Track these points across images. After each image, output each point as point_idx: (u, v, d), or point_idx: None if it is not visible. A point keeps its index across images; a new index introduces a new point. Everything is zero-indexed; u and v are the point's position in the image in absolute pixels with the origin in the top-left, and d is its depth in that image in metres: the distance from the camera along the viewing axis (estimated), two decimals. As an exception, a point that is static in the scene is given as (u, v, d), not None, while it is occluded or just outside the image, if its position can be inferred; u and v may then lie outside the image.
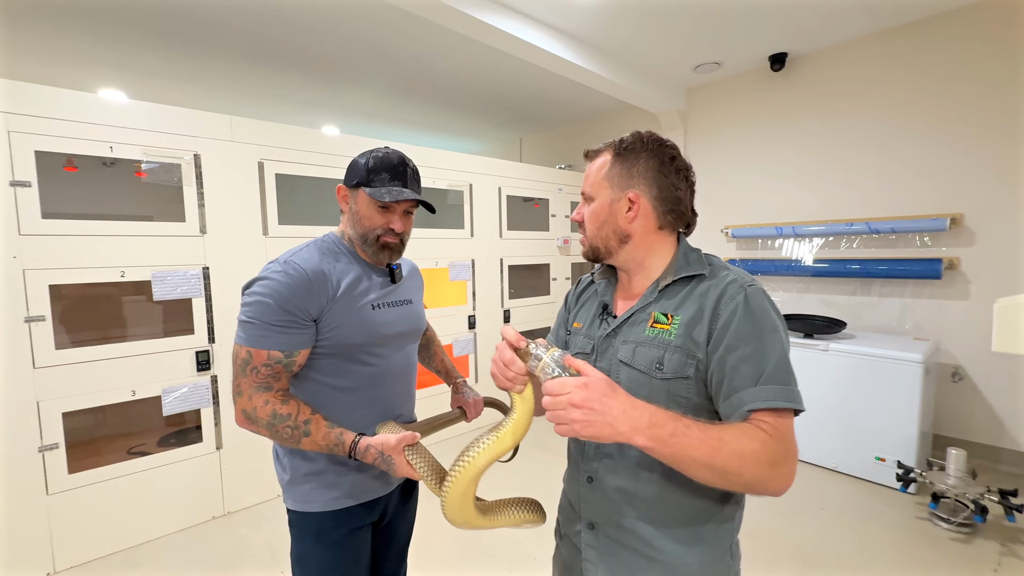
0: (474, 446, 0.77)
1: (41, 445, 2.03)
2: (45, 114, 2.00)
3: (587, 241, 0.88)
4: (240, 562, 2.14)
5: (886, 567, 2.05)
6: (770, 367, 0.71)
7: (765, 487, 0.68)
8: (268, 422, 0.96)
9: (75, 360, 2.10)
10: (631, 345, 0.82)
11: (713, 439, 0.66)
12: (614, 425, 0.65)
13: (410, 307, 1.19)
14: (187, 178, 2.36)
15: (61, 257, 2.05)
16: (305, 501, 1.05)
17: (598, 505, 0.85)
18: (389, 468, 0.94)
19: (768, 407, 0.69)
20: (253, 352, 0.96)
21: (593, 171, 0.87)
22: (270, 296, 0.96)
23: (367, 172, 1.05)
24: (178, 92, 4.15)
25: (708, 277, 0.81)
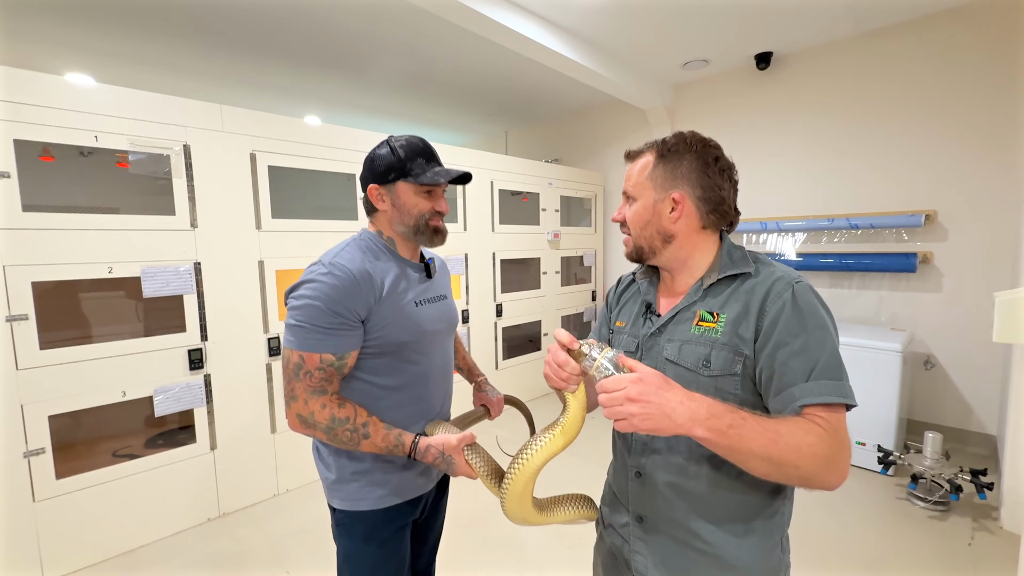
0: (531, 445, 0.78)
1: (27, 450, 1.93)
2: (25, 100, 1.88)
3: (631, 241, 0.89)
4: (242, 563, 2.10)
5: (867, 544, 2.17)
6: (821, 362, 0.72)
7: (821, 480, 0.69)
8: (327, 426, 0.95)
9: (61, 360, 2.00)
10: (677, 343, 0.83)
11: (770, 431, 0.68)
12: (672, 417, 0.67)
13: (446, 302, 1.20)
14: (176, 170, 2.26)
15: (44, 252, 1.95)
16: (355, 500, 1.05)
17: (647, 499, 0.86)
18: (449, 468, 0.95)
19: (821, 402, 0.70)
20: (305, 356, 0.95)
21: (636, 172, 0.88)
22: (319, 299, 0.94)
23: (403, 163, 1.04)
24: (155, 79, 3.96)
25: (754, 275, 0.81)
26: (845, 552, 2.12)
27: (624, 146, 3.62)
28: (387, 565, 1.07)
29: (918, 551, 2.12)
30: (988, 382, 2.97)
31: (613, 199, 4.86)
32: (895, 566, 2.03)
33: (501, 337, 3.91)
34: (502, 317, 3.89)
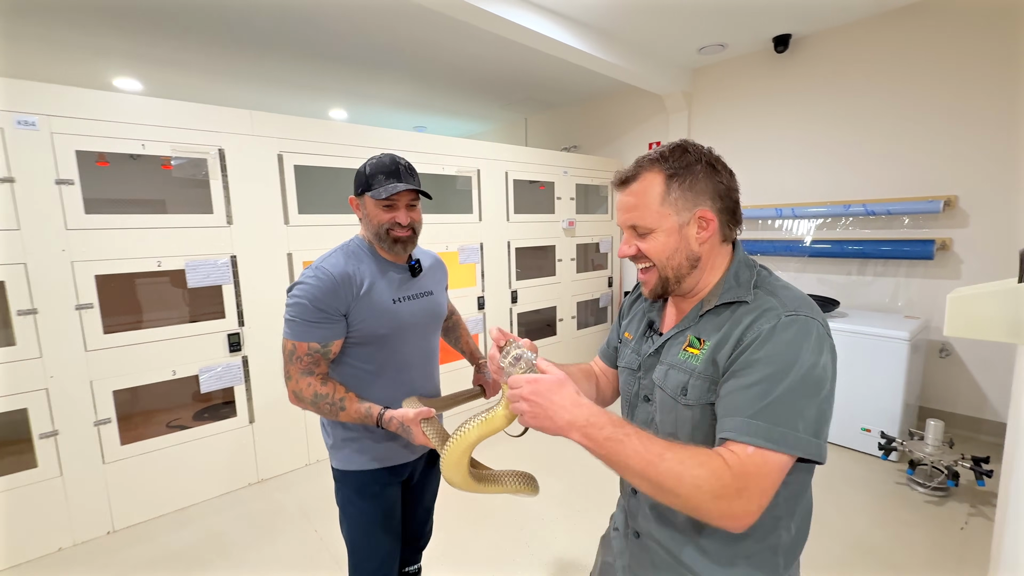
0: (468, 422, 0.85)
1: (96, 419, 2.25)
2: (83, 115, 2.14)
3: (655, 276, 0.80)
4: (276, 522, 2.38)
5: (862, 525, 2.25)
6: (767, 404, 0.65)
7: (709, 516, 0.64)
8: (312, 400, 1.15)
9: (121, 343, 2.29)
10: (665, 367, 0.80)
11: (652, 453, 0.65)
12: (553, 419, 0.69)
13: (430, 298, 1.35)
14: (213, 172, 2.50)
15: (104, 249, 2.23)
16: (345, 462, 1.26)
17: (642, 518, 0.86)
18: (408, 436, 1.11)
19: (740, 440, 0.65)
20: (296, 344, 1.15)
21: (644, 200, 0.78)
22: (305, 298, 1.13)
23: (367, 179, 1.21)
24: (193, 81, 4.24)
25: (749, 302, 0.74)
26: (835, 533, 2.21)
27: (642, 132, 3.73)
28: (375, 514, 1.28)
29: (909, 534, 2.19)
30: (1003, 371, 2.93)
31: (630, 186, 4.88)
32: (882, 547, 2.10)
33: (517, 323, 4.07)
34: (517, 303, 4.04)
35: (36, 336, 2.09)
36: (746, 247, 3.83)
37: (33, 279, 2.07)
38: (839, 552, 2.08)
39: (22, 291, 2.05)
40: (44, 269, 2.09)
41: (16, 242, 2.03)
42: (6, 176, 1.99)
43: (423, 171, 3.35)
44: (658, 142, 4.57)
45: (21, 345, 2.06)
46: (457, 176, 3.58)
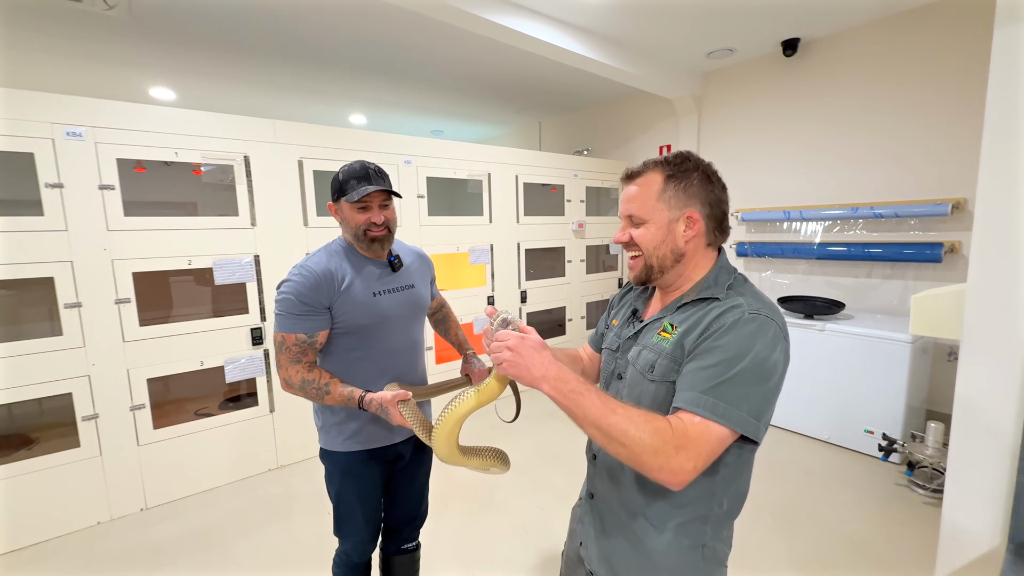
0: (462, 394, 0.95)
1: (132, 405, 2.45)
2: (123, 126, 2.35)
3: (641, 262, 0.90)
4: (292, 505, 2.55)
5: (858, 525, 2.28)
6: (718, 383, 0.74)
7: (648, 469, 0.72)
8: (300, 385, 1.27)
9: (155, 335, 2.50)
10: (639, 348, 0.91)
11: (607, 407, 0.74)
12: (530, 370, 0.79)
13: (412, 291, 1.45)
14: (239, 177, 2.69)
15: (141, 248, 2.43)
16: (330, 442, 1.40)
17: (597, 479, 0.98)
18: (386, 417, 1.21)
19: (689, 410, 0.74)
20: (285, 336, 1.26)
21: (643, 194, 0.88)
22: (291, 293, 1.25)
23: (341, 185, 1.31)
24: (222, 90, 4.49)
25: (720, 300, 0.84)
26: (830, 532, 2.25)
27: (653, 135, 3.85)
28: (357, 490, 1.42)
29: (905, 534, 2.21)
30: (1013, 375, 2.90)
31: (641, 188, 4.94)
32: (877, 546, 2.14)
33: (527, 322, 4.18)
34: (527, 303, 4.15)
35: (80, 327, 2.30)
36: (754, 249, 3.89)
37: (78, 275, 2.28)
38: (833, 551, 2.12)
39: (68, 286, 2.26)
40: (88, 266, 2.30)
41: (64, 242, 2.24)
42: (56, 182, 2.20)
43: (436, 175, 3.50)
44: (668, 146, 4.63)
45: (67, 335, 2.28)
46: (468, 179, 3.71)
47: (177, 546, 2.24)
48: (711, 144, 4.27)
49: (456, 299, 3.69)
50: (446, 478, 2.69)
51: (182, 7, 2.91)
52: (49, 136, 2.18)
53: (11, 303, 2.68)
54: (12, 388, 2.18)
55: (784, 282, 3.87)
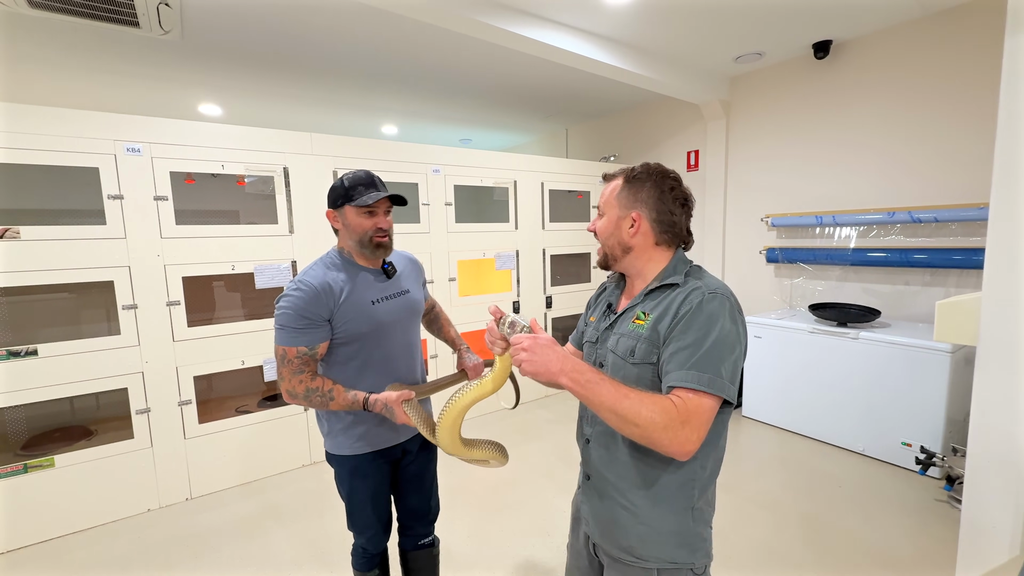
0: (464, 387, 1.04)
1: (180, 400, 2.63)
2: (176, 142, 2.54)
3: (602, 251, 1.07)
4: (324, 501, 2.66)
5: (893, 538, 2.21)
6: (697, 357, 0.86)
7: (660, 444, 0.83)
8: (304, 395, 1.30)
9: (201, 336, 2.67)
10: (617, 336, 1.02)
11: (620, 393, 0.84)
12: (547, 366, 0.86)
13: (407, 296, 1.49)
14: (279, 187, 2.86)
15: (190, 254, 2.61)
16: (336, 447, 1.44)
17: (592, 462, 1.06)
18: (391, 416, 1.26)
19: (684, 386, 0.85)
20: (286, 349, 1.28)
21: (607, 192, 1.05)
22: (290, 308, 1.27)
23: (346, 191, 1.33)
24: (264, 105, 4.75)
25: (681, 286, 0.96)
26: (866, 547, 2.18)
27: (680, 140, 3.91)
28: (366, 489, 1.47)
29: (943, 551, 2.13)
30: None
31: (668, 194, 4.92)
32: (912, 563, 2.07)
33: (552, 327, 4.22)
34: (552, 308, 4.19)
35: (136, 327, 2.49)
36: (785, 255, 3.82)
37: (135, 279, 2.47)
38: (867, 566, 2.06)
39: (126, 289, 2.46)
40: (143, 271, 2.49)
41: (123, 249, 2.44)
42: (118, 194, 2.40)
43: (462, 183, 3.60)
44: (696, 151, 4.59)
45: (124, 335, 2.47)
46: (494, 187, 3.80)
47: (219, 535, 2.39)
48: (739, 148, 4.22)
49: (482, 304, 3.77)
50: (466, 478, 2.75)
51: (229, 30, 3.12)
52: (112, 152, 2.39)
53: (74, 305, 2.92)
54: (75, 383, 2.38)
55: (818, 289, 3.77)
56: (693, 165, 4.63)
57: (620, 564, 1.01)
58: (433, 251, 3.42)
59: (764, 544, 2.20)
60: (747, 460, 3.03)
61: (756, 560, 2.10)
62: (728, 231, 4.38)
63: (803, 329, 3.25)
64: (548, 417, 3.72)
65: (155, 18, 2.80)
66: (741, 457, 3.09)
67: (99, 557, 2.24)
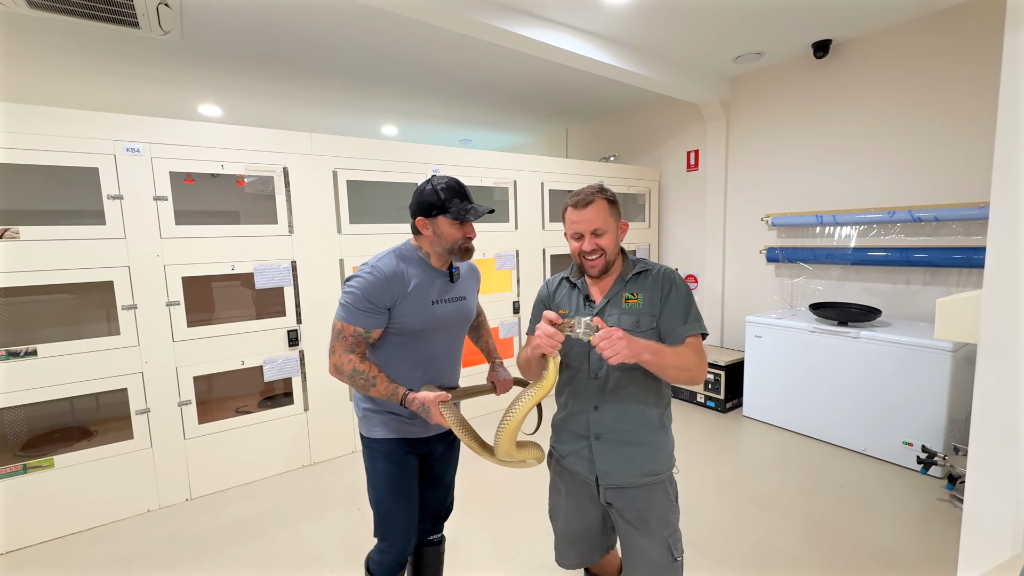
0: (522, 396, 1.17)
1: (180, 401, 2.62)
2: (175, 142, 2.54)
3: (602, 261, 1.31)
4: (326, 501, 2.66)
5: (895, 538, 2.20)
6: (690, 311, 1.31)
7: (698, 378, 1.25)
8: (350, 374, 1.35)
9: (201, 336, 2.67)
10: (616, 315, 1.31)
11: (675, 353, 1.21)
12: (637, 348, 1.12)
13: (463, 302, 1.54)
14: (278, 187, 2.85)
15: (189, 254, 2.61)
16: (373, 429, 1.48)
17: (604, 422, 1.33)
18: (427, 416, 1.31)
19: (692, 333, 1.28)
20: (345, 326, 1.35)
21: (601, 214, 1.29)
22: (359, 289, 1.34)
23: (441, 201, 1.38)
24: (264, 106, 4.75)
25: (652, 270, 1.36)
26: (867, 546, 2.17)
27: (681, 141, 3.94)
28: (398, 475, 1.47)
29: (945, 549, 2.12)
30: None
31: (669, 194, 4.92)
32: (914, 562, 2.06)
33: (552, 327, 4.21)
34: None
35: (135, 328, 2.49)
36: (785, 254, 3.82)
37: (135, 279, 2.47)
38: (869, 566, 2.05)
39: (126, 289, 2.45)
40: (143, 271, 2.49)
41: (122, 249, 2.43)
42: (117, 194, 2.40)
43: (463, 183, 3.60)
44: (696, 151, 4.59)
45: (124, 335, 2.46)
46: (494, 187, 3.79)
47: (219, 536, 2.38)
48: (739, 148, 4.22)
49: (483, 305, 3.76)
50: (471, 476, 2.75)
51: (229, 30, 3.12)
52: (111, 152, 2.38)
53: (74, 305, 2.91)
54: (75, 383, 2.37)
55: (817, 288, 3.77)
56: (693, 165, 4.63)
57: (644, 488, 1.33)
58: (433, 251, 3.41)
59: (766, 544, 2.19)
60: (748, 460, 3.02)
61: (758, 560, 2.09)
62: (728, 231, 4.38)
63: (804, 329, 3.25)
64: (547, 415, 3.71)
65: (155, 18, 2.80)
66: (742, 456, 3.08)
67: (99, 558, 2.24)
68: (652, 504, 1.33)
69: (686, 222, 4.78)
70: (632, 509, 1.33)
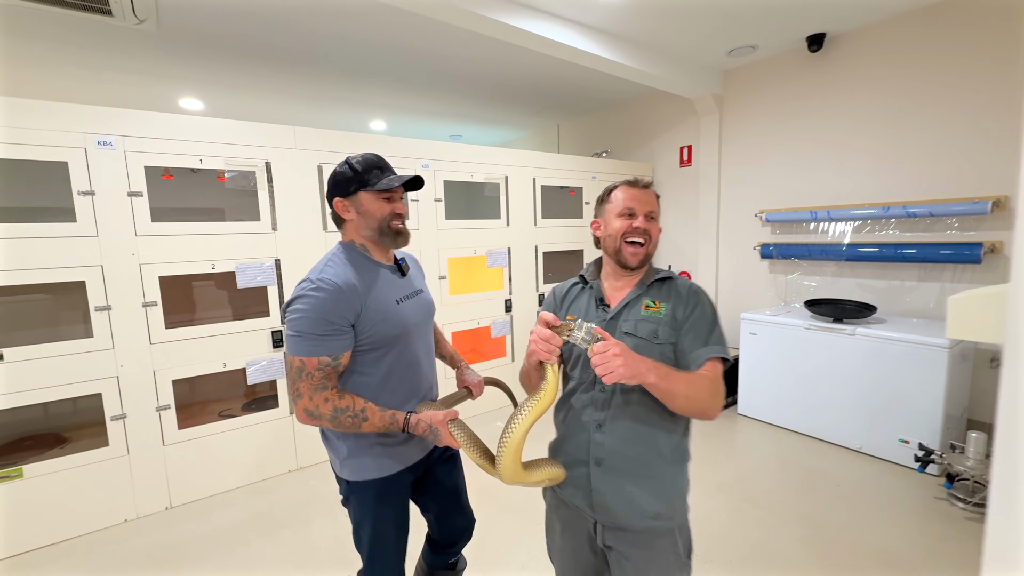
0: (521, 410, 0.96)
1: (158, 405, 2.52)
2: (151, 135, 2.42)
3: (645, 250, 1.15)
4: (310, 508, 2.57)
5: (894, 539, 2.17)
6: (713, 331, 1.11)
7: (709, 411, 1.04)
8: (331, 416, 1.12)
9: (180, 338, 2.56)
10: (632, 321, 1.13)
11: (686, 380, 1.02)
12: (638, 368, 0.95)
13: (423, 295, 1.38)
14: (260, 183, 2.75)
15: (167, 253, 2.50)
16: (364, 471, 1.25)
17: (606, 445, 1.10)
18: (435, 438, 1.14)
19: (711, 357, 1.07)
20: (305, 360, 1.11)
21: (654, 201, 1.18)
22: (310, 311, 1.10)
23: (360, 175, 1.20)
24: (248, 100, 4.61)
25: (675, 279, 1.19)
26: (864, 546, 2.14)
27: (673, 135, 3.86)
28: (396, 518, 1.31)
29: (946, 549, 2.09)
30: (1062, 383, 2.72)
31: (661, 190, 4.87)
32: (915, 561, 2.03)
33: (544, 325, 4.14)
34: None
35: (110, 330, 2.37)
36: (779, 251, 3.78)
37: (108, 279, 2.36)
38: (867, 566, 2.02)
39: (99, 290, 2.34)
40: (117, 270, 2.37)
41: (95, 247, 2.32)
42: (88, 190, 2.29)
43: (453, 179, 3.51)
44: (689, 146, 4.54)
45: (97, 337, 2.35)
46: (486, 183, 3.71)
47: (199, 545, 2.28)
48: (733, 143, 4.18)
49: (474, 303, 3.69)
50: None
51: (208, 20, 3.00)
52: (82, 145, 2.27)
53: (46, 307, 2.79)
54: (47, 388, 2.26)
55: (812, 285, 3.74)
56: (686, 160, 4.59)
57: (646, 535, 1.09)
58: (422, 248, 3.33)
59: (763, 545, 2.15)
60: (743, 459, 2.98)
61: (756, 562, 2.04)
62: (722, 227, 4.34)
63: (799, 325, 3.21)
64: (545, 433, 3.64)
65: (128, 6, 2.67)
66: (737, 456, 3.04)
67: (72, 572, 2.13)
68: (653, 559, 1.08)
69: (679, 218, 4.74)
70: (629, 559, 1.09)
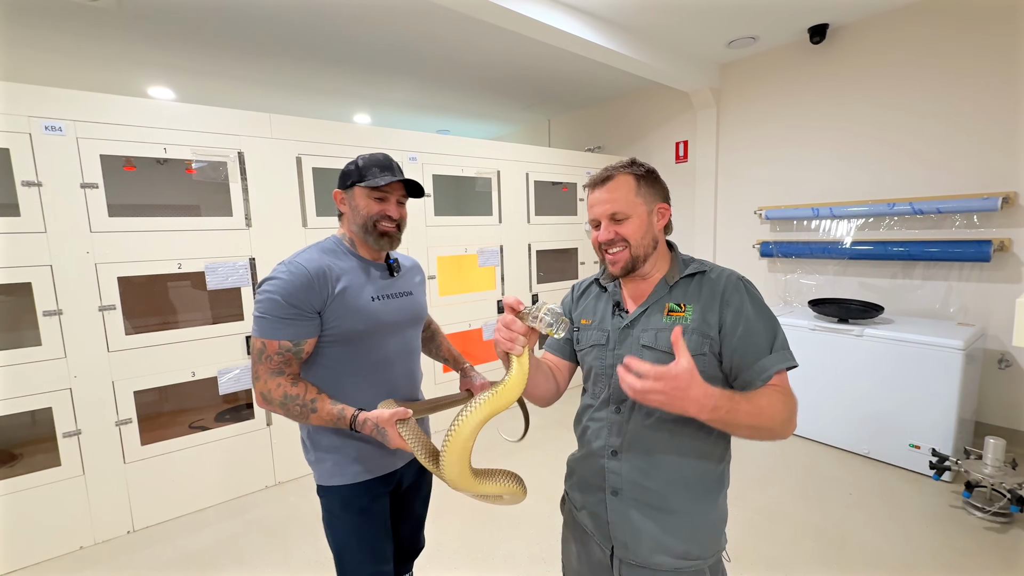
0: (472, 404, 0.84)
1: (117, 420, 2.28)
2: (107, 120, 2.18)
3: (627, 255, 0.95)
4: (289, 528, 2.36)
5: (911, 551, 2.05)
6: (775, 337, 0.89)
7: (783, 433, 0.85)
8: (281, 402, 1.09)
9: (142, 344, 2.32)
10: (652, 331, 0.94)
11: (755, 408, 0.81)
12: (685, 406, 0.75)
13: (410, 298, 1.31)
14: (232, 175, 2.52)
15: (127, 251, 2.26)
16: (330, 476, 1.19)
17: (624, 473, 0.95)
18: (383, 439, 1.04)
19: (778, 370, 0.87)
20: (266, 343, 1.09)
21: (621, 194, 0.95)
22: (277, 293, 1.08)
23: (359, 171, 1.19)
24: (222, 89, 4.34)
25: (709, 272, 0.97)
26: (879, 559, 2.02)
27: (668, 130, 3.63)
28: (368, 528, 1.21)
29: (966, 563, 1.98)
30: (1074, 384, 2.65)
31: (656, 186, 4.74)
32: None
33: (538, 327, 3.97)
34: (538, 307, 3.94)
35: (61, 336, 2.13)
36: (780, 249, 3.66)
37: (58, 281, 2.11)
38: (886, 581, 1.89)
39: (48, 292, 2.10)
40: (69, 271, 2.13)
41: (42, 245, 2.07)
42: (34, 180, 2.04)
43: (443, 173, 3.32)
44: (685, 142, 4.41)
45: (47, 345, 2.11)
46: (477, 178, 3.53)
47: (164, 574, 2.06)
48: (731, 139, 4.06)
49: (464, 304, 3.50)
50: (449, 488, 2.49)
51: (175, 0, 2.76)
52: (26, 130, 2.02)
53: (-6, 311, 2.52)
54: (-12, 402, 2.01)
55: (812, 284, 3.64)
56: (682, 156, 4.46)
57: (670, 574, 0.93)
58: (410, 246, 3.13)
59: (779, 561, 2.01)
60: (751, 467, 2.85)
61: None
62: (719, 225, 4.22)
63: (803, 326, 3.10)
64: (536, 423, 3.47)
65: (83, -22, 2.42)
66: (744, 464, 2.91)
67: (15, 610, 1.90)
68: None
69: (675, 215, 4.58)
70: None
